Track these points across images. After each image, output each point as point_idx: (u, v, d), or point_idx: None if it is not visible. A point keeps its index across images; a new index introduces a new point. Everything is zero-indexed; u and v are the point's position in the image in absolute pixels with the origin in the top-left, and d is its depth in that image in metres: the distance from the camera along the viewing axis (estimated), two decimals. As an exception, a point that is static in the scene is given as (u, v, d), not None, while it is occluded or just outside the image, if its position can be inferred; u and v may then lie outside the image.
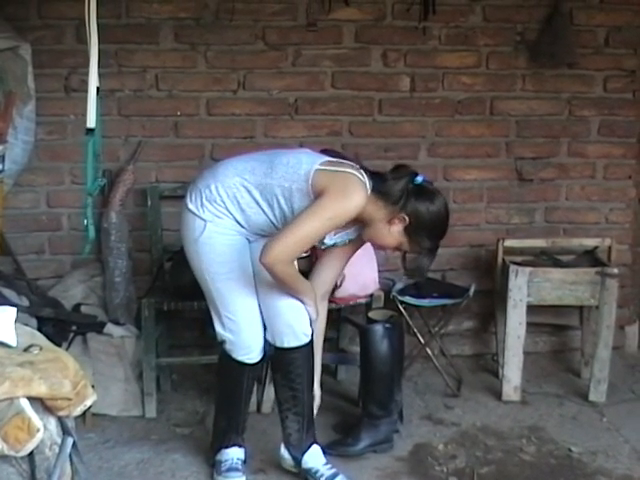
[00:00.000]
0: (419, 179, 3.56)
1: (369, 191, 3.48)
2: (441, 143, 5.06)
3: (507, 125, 5.10)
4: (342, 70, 4.91)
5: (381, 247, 3.74)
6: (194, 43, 4.80)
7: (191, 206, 3.63)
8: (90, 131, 3.60)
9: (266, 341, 3.78)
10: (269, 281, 3.63)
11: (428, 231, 3.55)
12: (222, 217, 3.60)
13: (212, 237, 3.62)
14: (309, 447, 3.84)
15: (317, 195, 3.41)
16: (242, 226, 3.64)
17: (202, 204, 3.60)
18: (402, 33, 4.92)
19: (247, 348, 3.75)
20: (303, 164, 3.48)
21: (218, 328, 3.77)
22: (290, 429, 3.85)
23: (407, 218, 3.48)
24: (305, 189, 3.44)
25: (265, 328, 3.77)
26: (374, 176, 3.54)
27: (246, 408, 3.95)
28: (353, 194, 3.42)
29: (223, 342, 3.78)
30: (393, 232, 3.53)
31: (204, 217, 3.59)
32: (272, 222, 3.59)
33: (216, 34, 4.78)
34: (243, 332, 3.72)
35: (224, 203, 3.57)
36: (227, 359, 3.79)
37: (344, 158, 3.63)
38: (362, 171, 3.51)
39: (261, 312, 3.75)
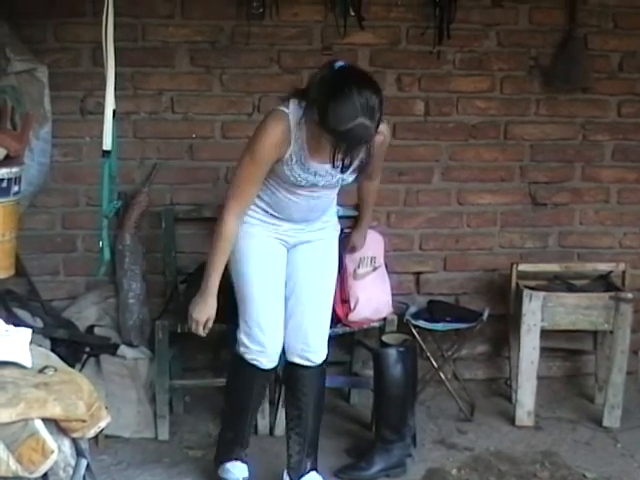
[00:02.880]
0: (336, 65, 3.44)
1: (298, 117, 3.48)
2: (455, 167, 5.07)
3: (521, 149, 5.10)
4: (357, 94, 4.92)
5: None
6: (209, 66, 4.82)
7: None
8: (106, 153, 3.62)
9: (282, 351, 3.81)
10: (301, 294, 3.73)
11: (334, 114, 3.29)
12: (251, 208, 3.70)
13: (245, 238, 3.71)
14: (307, 472, 3.85)
15: None
16: (273, 212, 3.72)
17: None
18: (416, 57, 4.94)
19: (263, 350, 3.76)
20: None
21: (240, 331, 3.80)
22: (292, 450, 3.86)
23: (315, 110, 3.37)
24: None
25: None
26: None
27: (252, 420, 4.01)
28: (265, 125, 3.52)
29: (238, 346, 3.81)
30: (313, 132, 3.47)
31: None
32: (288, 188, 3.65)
33: (231, 57, 4.81)
34: (264, 334, 3.75)
35: None
36: (239, 364, 3.83)
37: None
38: (296, 101, 3.51)
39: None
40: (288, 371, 3.85)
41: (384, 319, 4.55)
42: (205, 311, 3.74)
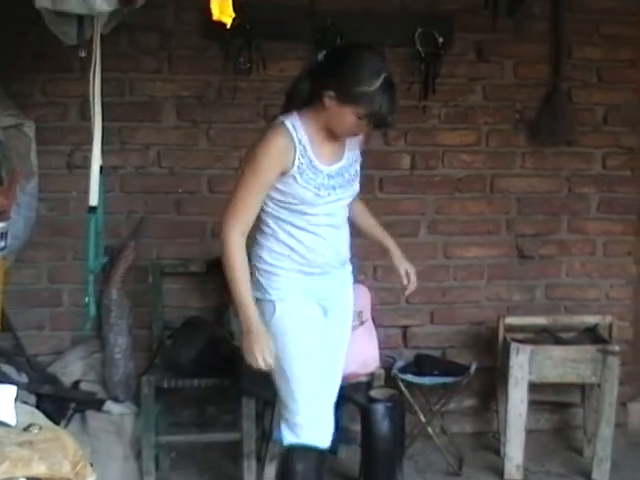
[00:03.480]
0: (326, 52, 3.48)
1: (295, 119, 3.44)
2: (441, 220, 5.09)
3: (507, 202, 5.13)
4: (343, 148, 4.95)
5: (350, 134, 3.52)
6: (196, 121, 4.85)
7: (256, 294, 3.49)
8: (92, 209, 3.61)
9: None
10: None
11: (354, 78, 3.29)
12: (281, 258, 3.49)
13: (282, 310, 3.50)
14: None
15: None
16: (306, 261, 3.51)
17: (260, 276, 3.51)
18: (403, 112, 4.86)
19: (324, 427, 3.56)
20: None
21: (292, 417, 3.52)
22: None
23: (329, 90, 3.33)
24: None
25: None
26: None
27: None
28: (265, 136, 3.43)
29: (289, 438, 3.54)
30: (334, 113, 3.38)
31: (271, 297, 3.50)
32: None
33: (218, 112, 4.83)
34: (321, 409, 3.56)
35: (273, 233, 3.50)
36: (297, 452, 3.54)
37: None
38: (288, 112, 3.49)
39: None
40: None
41: (372, 373, 4.53)
42: (261, 344, 3.40)
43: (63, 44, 3.69)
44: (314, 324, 3.58)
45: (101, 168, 3.61)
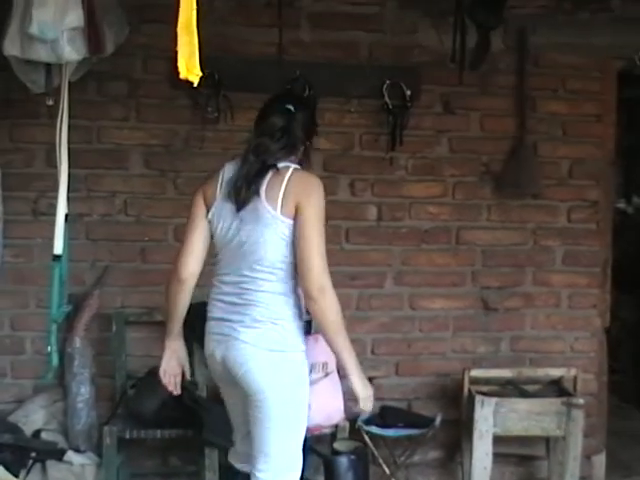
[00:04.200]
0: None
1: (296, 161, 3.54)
2: (407, 272, 5.09)
3: (473, 254, 5.15)
4: (310, 198, 4.96)
5: None
6: (163, 169, 4.85)
7: (281, 342, 3.40)
8: (57, 257, 3.60)
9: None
10: None
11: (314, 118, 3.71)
12: (297, 311, 3.44)
13: (307, 366, 3.55)
14: None
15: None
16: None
17: (286, 330, 3.41)
18: (370, 163, 4.99)
19: None
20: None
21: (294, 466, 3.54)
22: None
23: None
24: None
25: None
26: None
27: None
28: (320, 188, 3.41)
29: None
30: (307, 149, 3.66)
31: (300, 347, 3.49)
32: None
33: (186, 161, 4.83)
34: None
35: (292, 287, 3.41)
36: None
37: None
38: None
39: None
40: None
41: (336, 425, 4.50)
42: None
43: (31, 91, 3.70)
44: None
45: (66, 216, 3.62)
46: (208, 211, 3.51)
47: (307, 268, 3.26)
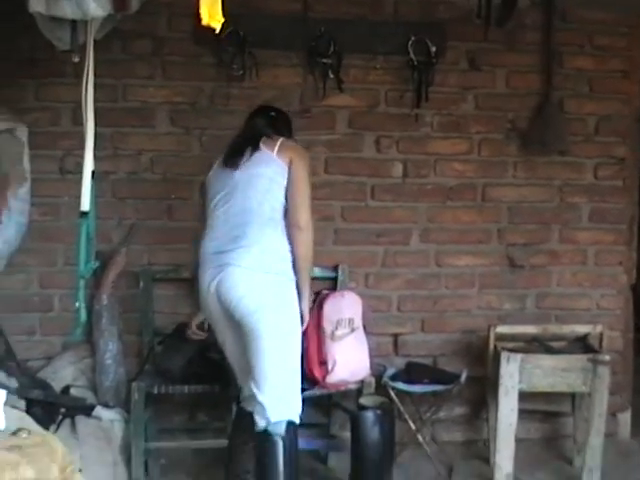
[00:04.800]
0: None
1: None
2: (433, 229, 5.09)
3: (498, 211, 5.14)
4: (335, 156, 4.97)
5: None
6: (189, 127, 4.86)
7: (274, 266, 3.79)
8: (84, 214, 3.60)
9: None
10: None
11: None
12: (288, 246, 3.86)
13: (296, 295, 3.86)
14: None
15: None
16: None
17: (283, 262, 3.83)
18: (395, 120, 4.98)
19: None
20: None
21: (294, 397, 3.84)
22: None
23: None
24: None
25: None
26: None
27: None
28: (304, 148, 4.09)
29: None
30: None
31: (291, 275, 3.84)
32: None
33: (211, 118, 4.84)
34: None
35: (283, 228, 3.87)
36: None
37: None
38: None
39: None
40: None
41: (362, 381, 4.53)
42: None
43: (56, 49, 3.70)
44: None
45: (93, 173, 3.61)
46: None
47: (298, 204, 3.84)
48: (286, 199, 3.86)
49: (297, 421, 3.81)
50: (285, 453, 3.73)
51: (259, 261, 3.73)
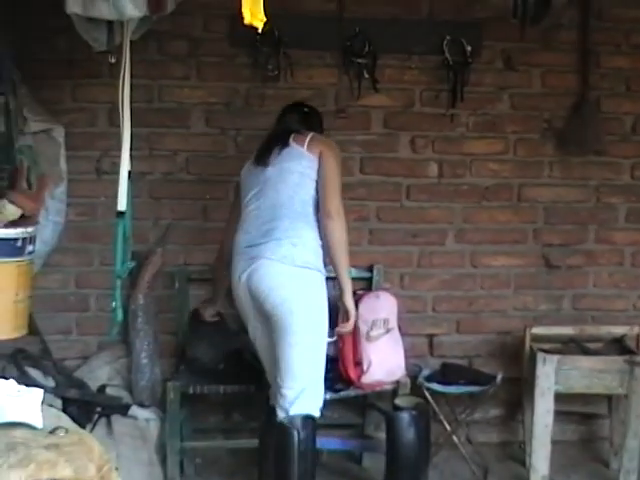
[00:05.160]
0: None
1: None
2: (468, 229, 5.08)
3: (534, 212, 5.11)
4: (371, 156, 4.97)
5: None
6: (224, 127, 4.87)
7: (305, 258, 3.84)
8: (120, 214, 3.63)
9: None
10: None
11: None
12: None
13: (324, 289, 3.90)
14: None
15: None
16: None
17: (315, 254, 3.91)
18: (430, 120, 4.97)
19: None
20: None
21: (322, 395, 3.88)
22: None
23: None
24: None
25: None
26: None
27: None
28: (334, 142, 4.13)
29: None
30: None
31: (322, 269, 3.93)
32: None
33: (246, 119, 4.85)
34: None
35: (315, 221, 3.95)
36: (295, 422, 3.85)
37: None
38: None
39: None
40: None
41: (397, 382, 4.53)
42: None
43: (93, 50, 3.72)
44: None
45: (129, 174, 3.63)
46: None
47: (328, 193, 3.89)
48: (317, 192, 3.94)
49: (317, 415, 3.83)
50: (300, 447, 3.75)
51: (290, 254, 3.77)
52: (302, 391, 3.76)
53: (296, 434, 3.73)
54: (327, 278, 3.95)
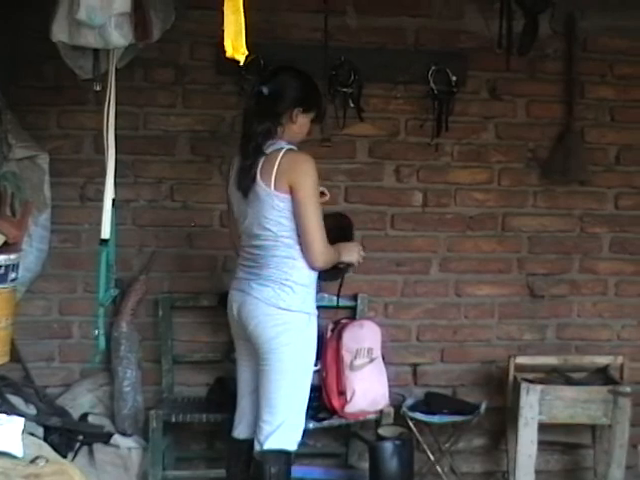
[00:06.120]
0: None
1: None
2: (453, 258, 5.07)
3: (519, 241, 5.11)
4: (355, 184, 4.97)
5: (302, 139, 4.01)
6: (209, 155, 4.86)
7: (288, 302, 3.74)
8: (104, 242, 3.62)
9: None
10: None
11: (314, 91, 3.98)
12: (311, 276, 3.82)
13: (313, 328, 3.82)
14: None
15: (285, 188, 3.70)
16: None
17: (295, 292, 3.75)
18: (415, 149, 4.98)
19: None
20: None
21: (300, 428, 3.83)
22: None
23: (297, 107, 3.84)
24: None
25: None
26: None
27: None
28: (311, 167, 3.74)
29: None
30: (301, 124, 3.89)
31: (307, 310, 3.80)
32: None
33: (231, 147, 4.82)
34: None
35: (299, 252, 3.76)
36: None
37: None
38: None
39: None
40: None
41: (381, 411, 4.52)
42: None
43: (78, 77, 3.73)
44: None
45: (114, 201, 3.63)
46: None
47: (309, 242, 3.71)
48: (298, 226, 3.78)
49: (292, 449, 3.79)
50: None
51: (275, 296, 3.71)
52: (279, 426, 3.72)
53: (268, 469, 3.69)
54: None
